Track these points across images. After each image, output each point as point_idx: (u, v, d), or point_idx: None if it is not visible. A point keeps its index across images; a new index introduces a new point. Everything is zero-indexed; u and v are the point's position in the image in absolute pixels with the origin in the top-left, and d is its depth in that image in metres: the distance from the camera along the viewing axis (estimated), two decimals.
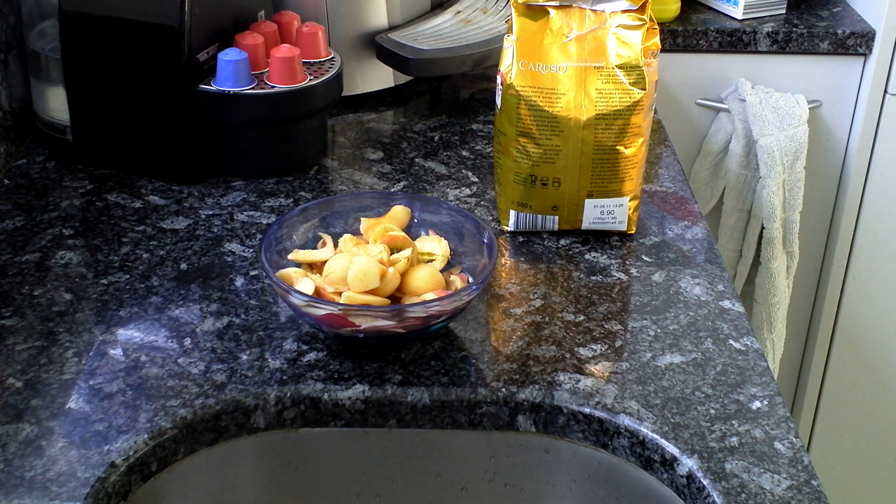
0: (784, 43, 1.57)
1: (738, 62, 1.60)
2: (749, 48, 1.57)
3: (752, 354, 0.85)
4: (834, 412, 1.79)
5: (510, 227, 1.01)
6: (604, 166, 0.97)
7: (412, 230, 0.91)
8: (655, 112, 1.18)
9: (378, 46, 1.25)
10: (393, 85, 1.31)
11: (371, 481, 0.83)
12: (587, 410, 0.79)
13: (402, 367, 0.82)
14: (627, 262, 0.97)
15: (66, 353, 0.82)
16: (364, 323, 0.80)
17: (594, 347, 0.85)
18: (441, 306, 0.81)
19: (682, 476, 0.74)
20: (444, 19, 1.33)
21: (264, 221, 1.02)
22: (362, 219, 0.91)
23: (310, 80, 1.08)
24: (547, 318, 0.89)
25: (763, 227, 1.60)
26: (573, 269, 0.96)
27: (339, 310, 0.80)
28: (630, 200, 0.99)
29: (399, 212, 0.92)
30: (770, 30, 1.56)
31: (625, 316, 0.90)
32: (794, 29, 1.57)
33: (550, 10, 0.96)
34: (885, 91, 1.57)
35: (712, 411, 0.78)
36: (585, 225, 1.00)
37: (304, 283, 0.83)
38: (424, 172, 1.13)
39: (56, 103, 1.12)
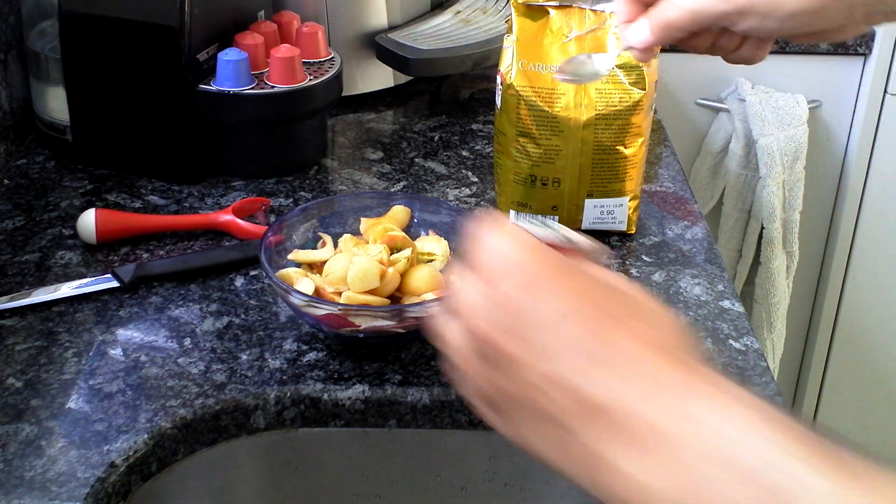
0: (784, 43, 1.57)
1: None
2: None
3: (751, 354, 0.85)
4: (834, 412, 1.79)
5: None
6: (604, 166, 0.97)
7: (412, 230, 0.91)
8: (655, 112, 1.18)
9: (378, 46, 1.25)
10: (393, 85, 1.31)
11: (371, 481, 0.83)
12: None
13: (402, 367, 0.82)
14: (627, 262, 0.97)
15: (66, 353, 0.82)
16: (364, 323, 0.80)
17: None
18: None
19: None
20: (443, 19, 1.33)
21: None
22: (362, 219, 0.91)
23: (310, 80, 1.08)
24: None
25: (763, 227, 1.60)
26: None
27: (339, 310, 0.80)
28: (630, 200, 0.99)
29: (399, 212, 0.92)
30: None
31: None
32: None
33: (550, 10, 0.96)
34: (885, 91, 1.57)
35: None
36: (585, 225, 1.00)
37: (304, 283, 0.83)
38: (424, 172, 1.13)
39: (56, 103, 1.12)
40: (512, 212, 1.00)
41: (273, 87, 1.06)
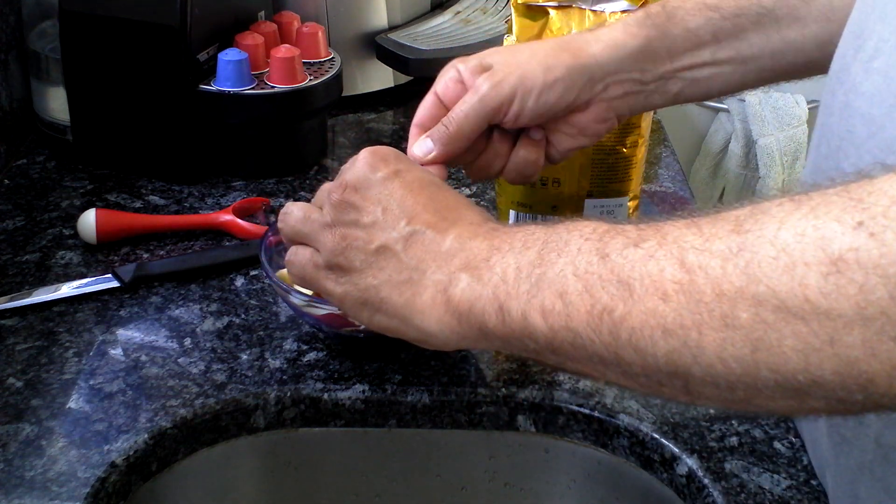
0: None
1: None
2: None
3: None
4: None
5: None
6: (603, 166, 0.97)
7: None
8: (655, 112, 1.18)
9: (378, 46, 1.25)
10: (393, 85, 1.31)
11: (371, 481, 0.83)
12: (587, 410, 0.79)
13: (402, 367, 0.82)
14: None
15: (66, 353, 0.82)
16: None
17: None
18: None
19: (681, 476, 0.74)
20: (443, 19, 1.33)
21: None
22: None
23: (310, 80, 1.08)
24: None
25: None
26: None
27: (339, 310, 0.80)
28: (630, 201, 0.99)
29: None
30: None
31: None
32: None
33: (550, 10, 0.96)
34: None
35: (712, 411, 0.78)
36: None
37: None
38: None
39: (56, 103, 1.12)
40: (512, 212, 1.00)
41: (273, 87, 1.06)
